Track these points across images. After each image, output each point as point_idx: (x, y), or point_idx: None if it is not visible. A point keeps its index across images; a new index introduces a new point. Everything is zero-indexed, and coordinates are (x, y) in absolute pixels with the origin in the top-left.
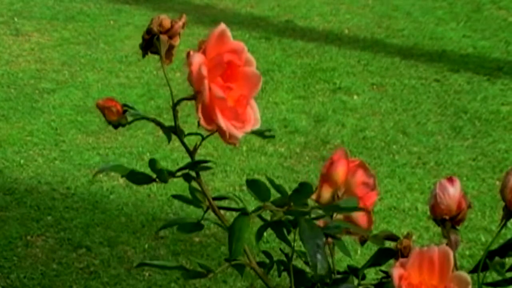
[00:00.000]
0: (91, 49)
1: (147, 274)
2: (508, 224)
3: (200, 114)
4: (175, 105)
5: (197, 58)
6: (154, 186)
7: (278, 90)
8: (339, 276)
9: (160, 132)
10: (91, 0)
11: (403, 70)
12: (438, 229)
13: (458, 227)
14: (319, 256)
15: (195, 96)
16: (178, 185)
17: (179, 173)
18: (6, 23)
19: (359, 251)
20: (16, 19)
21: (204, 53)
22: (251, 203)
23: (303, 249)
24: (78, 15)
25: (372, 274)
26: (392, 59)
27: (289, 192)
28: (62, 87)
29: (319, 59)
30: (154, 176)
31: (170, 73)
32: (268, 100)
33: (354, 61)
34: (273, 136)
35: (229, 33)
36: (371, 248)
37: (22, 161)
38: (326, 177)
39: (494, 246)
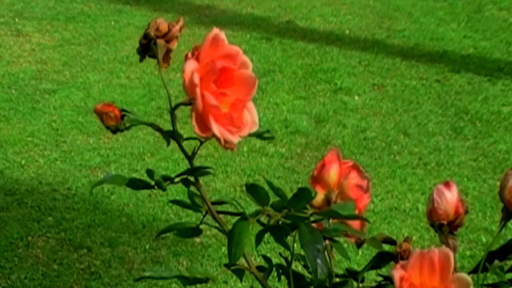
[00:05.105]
0: (92, 49)
1: (148, 274)
2: (509, 224)
3: (194, 122)
4: (172, 110)
5: (190, 65)
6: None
7: (279, 90)
8: (337, 279)
9: None
10: (91, 0)
11: (404, 71)
12: None
13: (455, 232)
14: (319, 261)
15: (191, 102)
16: (179, 185)
17: (177, 179)
18: (7, 24)
19: (360, 252)
20: (17, 20)
21: (198, 59)
22: (252, 204)
23: (302, 252)
24: (79, 16)
25: (373, 275)
26: (393, 59)
27: (289, 194)
28: (63, 88)
29: (320, 60)
30: (153, 182)
31: (171, 74)
32: (269, 101)
33: (355, 61)
34: (272, 138)
35: (223, 37)
36: (372, 249)
37: (23, 162)
38: (318, 179)
39: (495, 247)
